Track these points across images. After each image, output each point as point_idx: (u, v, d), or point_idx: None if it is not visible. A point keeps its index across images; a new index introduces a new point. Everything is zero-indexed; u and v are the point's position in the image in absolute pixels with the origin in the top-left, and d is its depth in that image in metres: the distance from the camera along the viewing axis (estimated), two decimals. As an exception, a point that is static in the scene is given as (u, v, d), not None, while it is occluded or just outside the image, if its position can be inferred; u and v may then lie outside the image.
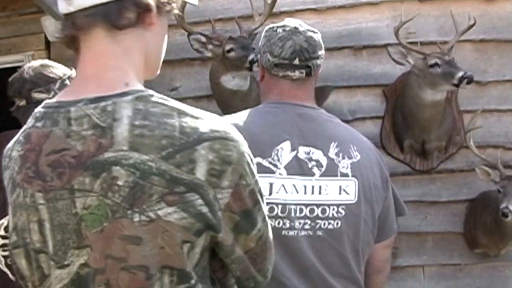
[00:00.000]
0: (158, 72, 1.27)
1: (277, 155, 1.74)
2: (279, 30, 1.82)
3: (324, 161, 1.78)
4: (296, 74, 1.81)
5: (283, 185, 1.73)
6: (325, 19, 3.43)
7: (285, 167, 1.74)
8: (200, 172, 1.02)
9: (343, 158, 1.79)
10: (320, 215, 1.75)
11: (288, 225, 1.72)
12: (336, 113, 3.36)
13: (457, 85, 2.79)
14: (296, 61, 1.79)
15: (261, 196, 1.17)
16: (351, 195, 1.78)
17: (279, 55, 1.79)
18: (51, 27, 3.36)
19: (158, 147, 1.01)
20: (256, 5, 3.23)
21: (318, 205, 1.75)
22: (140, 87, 1.10)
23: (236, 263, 1.15)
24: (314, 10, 3.44)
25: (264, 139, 1.74)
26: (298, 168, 1.75)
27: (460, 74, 2.76)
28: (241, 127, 1.77)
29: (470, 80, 2.75)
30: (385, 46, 3.01)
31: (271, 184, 1.72)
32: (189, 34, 3.07)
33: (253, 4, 3.23)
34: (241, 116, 1.82)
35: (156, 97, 1.07)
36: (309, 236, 1.74)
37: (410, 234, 3.37)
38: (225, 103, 3.20)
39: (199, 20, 3.44)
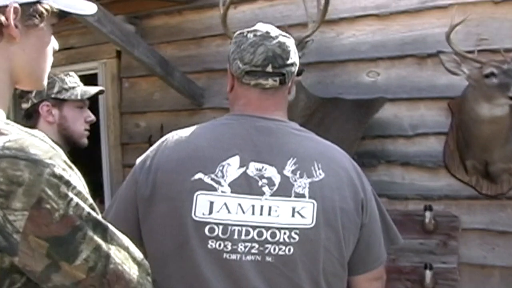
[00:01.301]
0: (44, 82, 1.27)
1: (222, 171, 1.60)
2: (250, 35, 1.68)
3: (277, 179, 1.61)
4: (269, 82, 1.66)
5: (225, 204, 1.59)
6: (388, 25, 3.18)
7: (229, 185, 1.59)
8: None
9: (301, 176, 1.61)
10: (269, 239, 1.58)
11: (229, 248, 1.57)
12: (396, 128, 3.15)
13: (512, 98, 2.41)
14: (269, 68, 1.64)
15: (95, 223, 1.08)
16: (307, 218, 1.58)
17: (250, 61, 1.64)
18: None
19: None
20: (312, 11, 3.07)
21: (267, 228, 1.58)
22: None
23: None
24: (376, 16, 3.21)
25: (210, 153, 1.62)
26: (246, 186, 1.59)
27: (516, 85, 2.38)
28: (187, 141, 1.68)
29: (526, 93, 2.36)
30: (438, 53, 2.69)
31: (211, 203, 1.58)
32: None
33: (308, 11, 3.08)
34: (192, 129, 1.71)
35: None
36: (256, 262, 1.57)
37: (474, 266, 3.00)
38: (270, 113, 3.07)
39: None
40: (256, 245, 1.57)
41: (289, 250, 1.57)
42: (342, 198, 1.63)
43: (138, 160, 1.73)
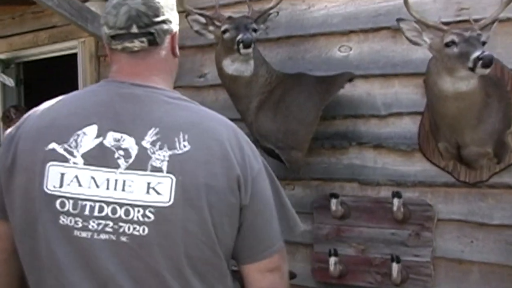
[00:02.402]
0: None
1: (76, 141, 1.45)
2: None
3: (134, 150, 1.43)
4: (136, 44, 1.49)
5: (76, 177, 1.43)
6: (361, -5, 2.90)
7: (82, 156, 1.43)
8: None
9: (161, 148, 1.42)
10: (123, 217, 1.40)
11: (80, 225, 1.42)
12: (369, 107, 2.88)
13: (472, 69, 2.11)
14: (134, 29, 1.48)
15: None
16: (163, 195, 1.40)
17: (114, 25, 1.48)
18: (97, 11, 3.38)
19: None
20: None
21: (121, 205, 1.41)
22: None
23: None
24: (348, -15, 2.93)
25: (67, 122, 1.47)
26: (102, 157, 1.43)
27: (475, 54, 2.08)
28: (51, 109, 1.54)
29: (486, 63, 2.05)
30: (397, 21, 2.40)
31: (62, 175, 1.43)
32: (187, 14, 2.80)
33: (275, -19, 2.84)
34: (61, 98, 1.58)
35: None
36: (111, 241, 1.40)
37: (450, 260, 2.70)
38: (229, 90, 2.87)
39: (232, 2, 3.18)
40: (111, 223, 1.41)
41: (144, 230, 1.40)
42: (210, 174, 1.43)
43: (7, 131, 1.62)
